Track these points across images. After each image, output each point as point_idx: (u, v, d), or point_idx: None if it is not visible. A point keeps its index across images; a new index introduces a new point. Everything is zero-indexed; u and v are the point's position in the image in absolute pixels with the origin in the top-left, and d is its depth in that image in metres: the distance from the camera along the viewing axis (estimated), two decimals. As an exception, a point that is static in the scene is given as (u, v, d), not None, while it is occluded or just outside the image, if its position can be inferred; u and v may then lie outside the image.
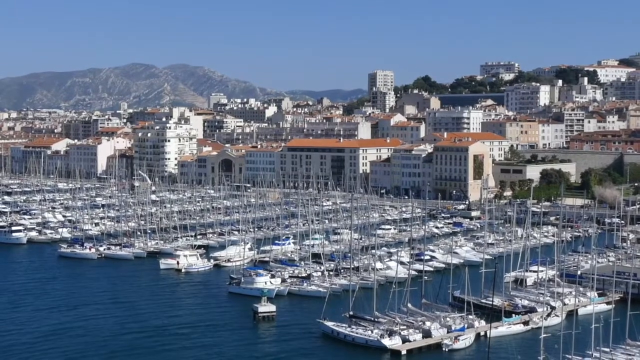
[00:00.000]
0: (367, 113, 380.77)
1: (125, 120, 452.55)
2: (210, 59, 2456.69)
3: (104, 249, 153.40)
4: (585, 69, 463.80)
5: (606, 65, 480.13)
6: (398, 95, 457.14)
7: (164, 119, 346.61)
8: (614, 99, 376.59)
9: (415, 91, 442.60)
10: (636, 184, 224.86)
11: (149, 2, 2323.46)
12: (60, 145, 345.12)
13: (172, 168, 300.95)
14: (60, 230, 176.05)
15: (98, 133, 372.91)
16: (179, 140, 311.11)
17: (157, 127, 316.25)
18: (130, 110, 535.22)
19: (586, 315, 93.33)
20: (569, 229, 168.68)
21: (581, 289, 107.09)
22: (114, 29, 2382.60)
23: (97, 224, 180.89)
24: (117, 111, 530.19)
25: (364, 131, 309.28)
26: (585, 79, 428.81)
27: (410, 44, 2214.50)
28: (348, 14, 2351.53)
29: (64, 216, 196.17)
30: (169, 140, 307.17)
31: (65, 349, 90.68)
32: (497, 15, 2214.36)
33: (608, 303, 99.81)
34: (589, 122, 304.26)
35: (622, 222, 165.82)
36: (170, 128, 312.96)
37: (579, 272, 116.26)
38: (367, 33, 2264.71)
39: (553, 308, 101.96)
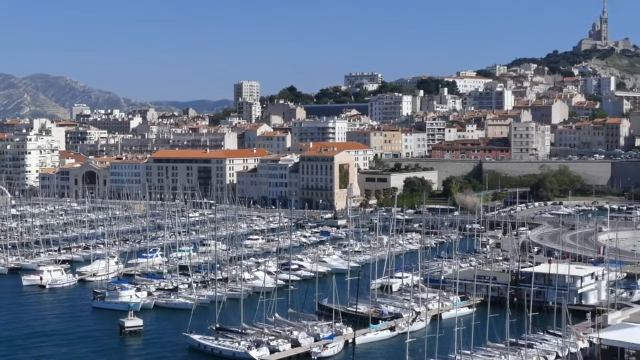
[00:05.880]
0: (234, 124, 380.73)
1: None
2: (72, 69, 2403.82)
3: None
4: (445, 79, 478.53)
5: (465, 76, 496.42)
6: (264, 105, 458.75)
7: (24, 131, 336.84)
8: (472, 108, 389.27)
9: (281, 101, 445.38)
10: (494, 191, 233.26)
11: (6, 8, 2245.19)
12: None
13: (33, 181, 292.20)
14: None
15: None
16: (40, 152, 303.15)
17: (17, 139, 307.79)
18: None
19: (449, 319, 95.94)
20: (432, 235, 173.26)
21: (444, 293, 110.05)
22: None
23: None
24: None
25: (231, 142, 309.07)
26: (446, 89, 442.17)
27: (275, 55, 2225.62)
28: (213, 23, 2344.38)
29: None
30: (29, 153, 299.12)
31: None
32: (360, 26, 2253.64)
33: (470, 307, 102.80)
34: (449, 131, 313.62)
35: (482, 227, 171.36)
36: (30, 140, 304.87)
37: (442, 277, 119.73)
38: (232, 43, 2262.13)
39: (418, 313, 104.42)
